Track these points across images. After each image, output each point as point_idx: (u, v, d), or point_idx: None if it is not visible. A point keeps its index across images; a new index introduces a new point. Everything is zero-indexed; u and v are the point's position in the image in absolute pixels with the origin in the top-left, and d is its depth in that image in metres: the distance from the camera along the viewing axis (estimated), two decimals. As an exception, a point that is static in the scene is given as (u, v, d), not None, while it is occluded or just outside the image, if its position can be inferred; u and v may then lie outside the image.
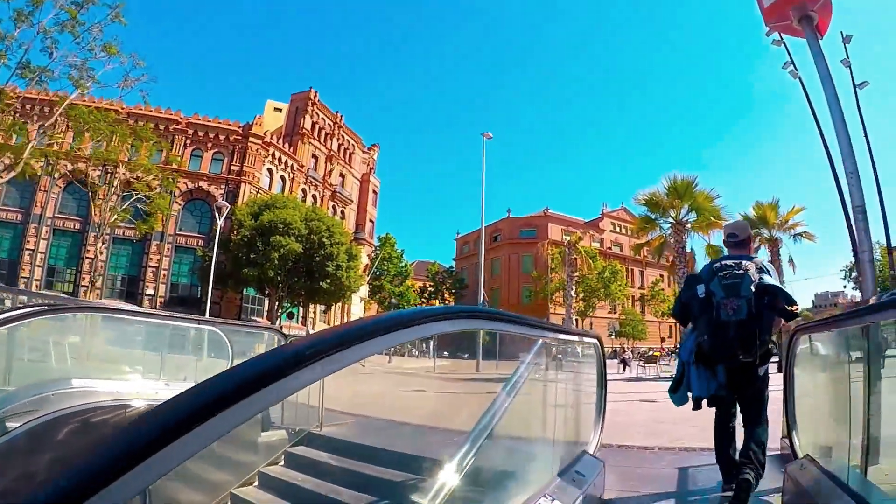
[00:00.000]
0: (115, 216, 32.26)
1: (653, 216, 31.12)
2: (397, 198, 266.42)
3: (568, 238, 43.60)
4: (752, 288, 4.46)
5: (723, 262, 4.83)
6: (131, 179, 32.58)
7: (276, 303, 53.84)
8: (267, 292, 54.02)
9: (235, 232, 50.84)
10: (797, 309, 4.52)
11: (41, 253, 55.48)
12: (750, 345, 4.41)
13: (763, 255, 31.16)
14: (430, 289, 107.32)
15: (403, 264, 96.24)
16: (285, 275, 49.15)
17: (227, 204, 40.36)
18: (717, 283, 4.64)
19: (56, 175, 51.34)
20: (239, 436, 6.77)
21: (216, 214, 42.98)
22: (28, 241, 55.30)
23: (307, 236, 48.50)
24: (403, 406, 13.80)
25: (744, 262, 4.69)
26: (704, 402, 4.89)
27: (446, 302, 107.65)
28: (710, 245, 30.65)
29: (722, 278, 4.64)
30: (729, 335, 4.46)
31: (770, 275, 4.59)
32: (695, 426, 8.74)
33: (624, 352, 39.07)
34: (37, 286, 54.55)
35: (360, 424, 9.58)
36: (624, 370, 37.77)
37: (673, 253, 31.07)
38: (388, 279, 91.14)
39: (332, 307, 71.26)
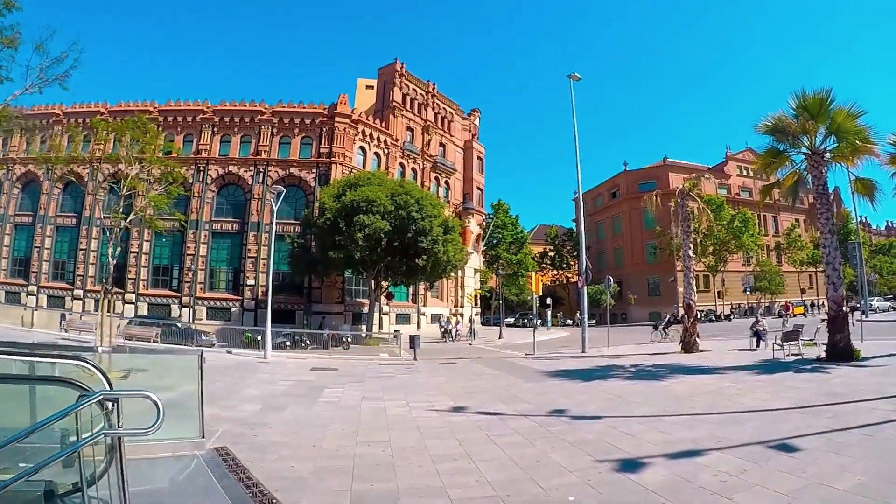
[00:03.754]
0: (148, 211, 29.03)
1: (780, 147, 23.62)
2: (508, 162, 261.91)
3: (680, 187, 36.68)
4: None
5: None
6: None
7: (375, 284, 50.31)
8: (365, 274, 50.23)
9: (319, 215, 47.24)
10: None
11: (145, 254, 58.41)
12: None
13: None
14: (550, 253, 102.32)
15: (519, 230, 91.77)
16: (378, 255, 45.19)
17: (280, 188, 36.34)
18: None
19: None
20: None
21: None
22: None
23: (395, 212, 44.19)
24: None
25: None
26: None
27: (569, 265, 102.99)
28: (860, 179, 23.50)
29: None
30: None
31: None
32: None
33: (757, 321, 30.29)
34: (143, 285, 57.31)
35: None
36: (758, 346, 28.23)
37: (811, 192, 24.26)
38: (503, 247, 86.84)
39: (444, 282, 67.38)
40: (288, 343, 37.93)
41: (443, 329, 53.79)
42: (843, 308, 21.34)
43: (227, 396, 15.44)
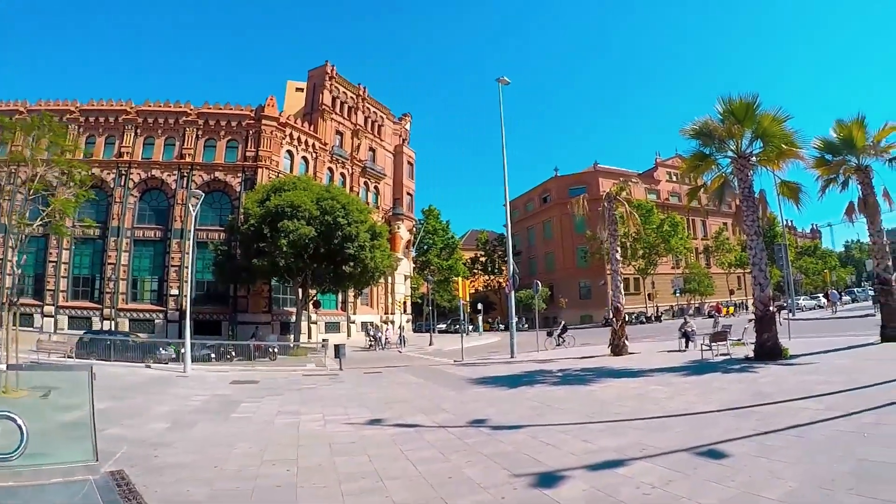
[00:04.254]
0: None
1: (707, 151, 23.87)
2: (440, 168, 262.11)
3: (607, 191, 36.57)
4: None
5: None
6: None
7: (302, 292, 49.31)
8: (291, 282, 49.48)
9: (244, 221, 46.34)
10: None
11: (64, 263, 55.03)
12: None
13: (853, 191, 25.79)
14: (482, 259, 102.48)
15: (450, 236, 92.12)
16: (304, 262, 44.68)
17: (199, 192, 35.12)
18: None
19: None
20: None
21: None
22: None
23: (320, 217, 43.58)
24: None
25: None
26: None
27: (500, 270, 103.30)
28: (785, 182, 24.25)
29: None
30: None
31: None
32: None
33: (686, 322, 30.25)
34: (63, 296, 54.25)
35: None
36: (686, 347, 28.27)
37: (737, 195, 24.27)
38: (434, 253, 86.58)
39: (374, 289, 66.64)
40: (213, 355, 36.44)
41: (370, 337, 52.64)
42: (770, 308, 21.85)
43: (136, 414, 14.84)
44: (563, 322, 38.60)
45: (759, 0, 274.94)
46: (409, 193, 78.92)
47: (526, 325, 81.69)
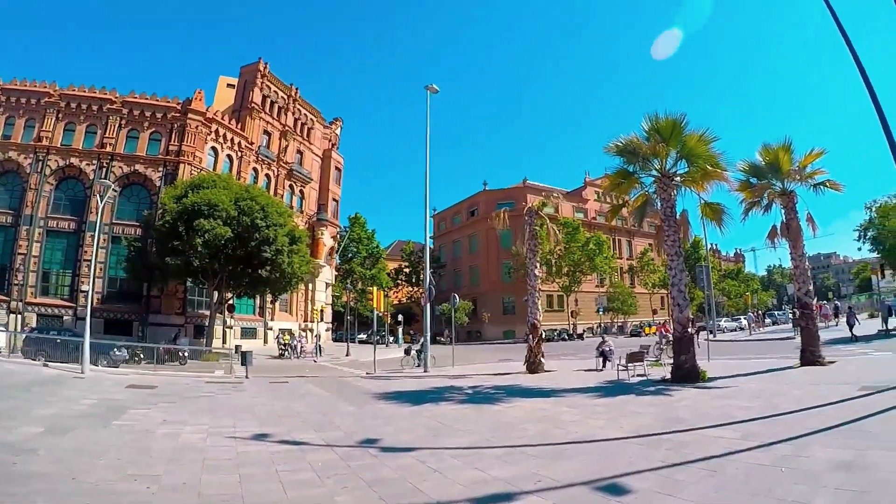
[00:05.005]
0: None
1: (630, 169, 23.79)
2: (369, 175, 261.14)
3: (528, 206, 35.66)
4: None
5: None
6: None
7: (217, 294, 48.05)
8: (206, 284, 47.88)
9: (160, 217, 44.91)
10: None
11: None
12: None
13: (777, 215, 26.29)
14: (406, 269, 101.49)
15: (375, 245, 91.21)
16: (219, 263, 43.37)
17: (108, 182, 33.23)
18: None
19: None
20: None
21: (97, 197, 36.43)
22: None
23: (238, 218, 42.57)
24: None
25: None
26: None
27: (423, 283, 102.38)
28: (708, 204, 24.19)
29: None
30: None
31: None
32: None
33: (604, 341, 29.42)
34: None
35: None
36: (604, 366, 27.92)
37: (659, 215, 23.72)
38: (358, 262, 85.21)
39: (294, 296, 64.89)
40: (121, 356, 34.36)
41: (281, 345, 51.20)
42: (689, 329, 21.78)
43: (11, 416, 14.02)
44: (422, 339, 37.15)
45: (696, 32, 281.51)
46: (335, 199, 78.58)
47: (447, 339, 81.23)
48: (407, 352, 38.49)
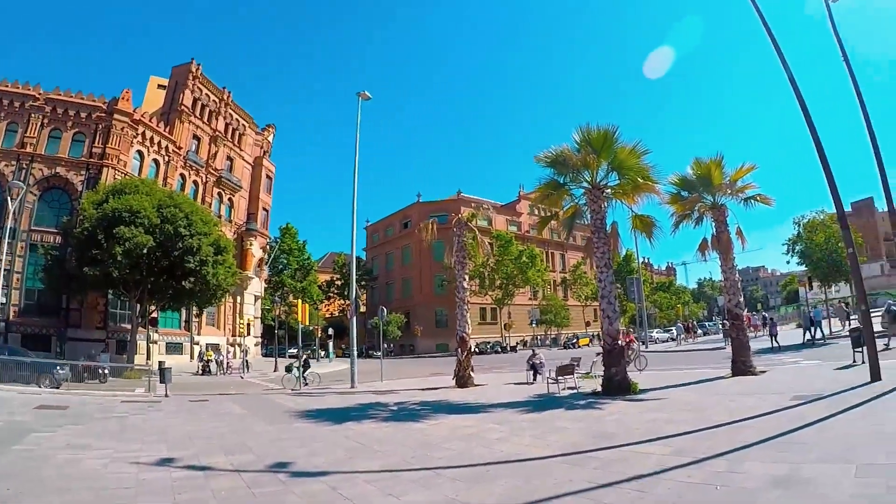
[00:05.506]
0: None
1: (561, 180, 23.60)
2: (301, 186, 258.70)
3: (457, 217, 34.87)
4: None
5: None
6: None
7: (139, 307, 46.14)
8: (128, 296, 45.89)
9: (79, 225, 42.88)
10: None
11: None
12: None
13: (707, 228, 26.55)
14: (338, 282, 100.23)
15: (306, 257, 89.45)
16: (141, 274, 41.58)
17: (20, 183, 31.64)
18: None
19: None
20: None
21: (8, 200, 34.82)
22: None
23: (161, 226, 40.95)
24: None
25: None
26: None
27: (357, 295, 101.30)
28: (639, 216, 23.98)
29: None
30: None
31: None
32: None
33: (534, 354, 28.99)
34: None
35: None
36: (534, 380, 27.60)
37: (589, 227, 23.45)
38: (289, 274, 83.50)
39: (222, 309, 63.15)
40: (66, 376, 32.43)
41: (203, 361, 49.39)
42: (619, 341, 21.68)
43: None
44: (304, 356, 35.91)
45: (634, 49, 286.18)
46: (265, 209, 77.31)
47: (379, 354, 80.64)
48: (288, 369, 35.87)
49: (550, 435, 12.97)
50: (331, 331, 78.79)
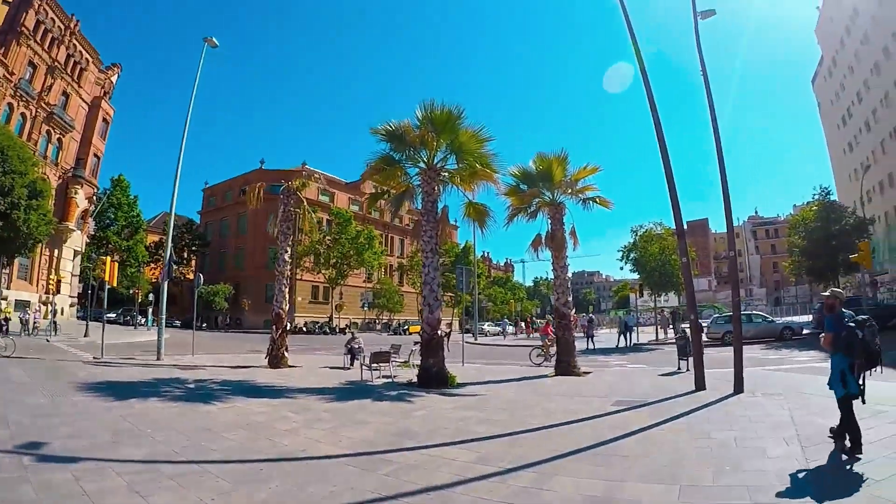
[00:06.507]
0: None
1: (396, 157, 22.69)
2: (146, 139, 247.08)
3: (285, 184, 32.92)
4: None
5: None
6: None
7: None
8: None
9: None
10: None
11: None
12: None
13: (543, 224, 26.05)
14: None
15: (136, 214, 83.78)
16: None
17: None
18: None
19: None
20: None
21: None
22: None
23: (-35, 161, 35.97)
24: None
25: None
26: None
27: (187, 260, 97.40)
28: (472, 204, 23.36)
29: None
30: None
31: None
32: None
33: (353, 338, 27.69)
34: None
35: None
36: (352, 364, 26.03)
37: (420, 210, 22.63)
38: (115, 230, 78.55)
39: (36, 263, 58.48)
40: None
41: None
42: (438, 332, 20.88)
43: None
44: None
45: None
46: (97, 155, 70.91)
47: (204, 325, 78.09)
48: None
49: (346, 429, 11.81)
50: (151, 297, 73.23)
